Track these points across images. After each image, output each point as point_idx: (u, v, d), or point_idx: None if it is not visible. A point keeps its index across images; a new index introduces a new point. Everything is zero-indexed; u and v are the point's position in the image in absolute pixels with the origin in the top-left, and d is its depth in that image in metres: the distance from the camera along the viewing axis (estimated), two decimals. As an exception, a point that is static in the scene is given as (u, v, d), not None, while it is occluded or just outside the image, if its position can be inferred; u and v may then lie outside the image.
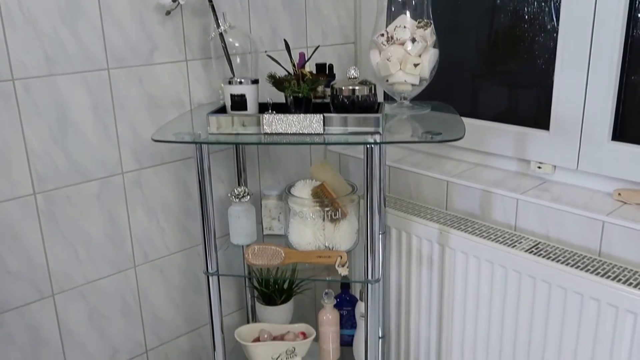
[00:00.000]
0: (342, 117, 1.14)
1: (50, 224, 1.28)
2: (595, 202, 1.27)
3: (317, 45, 1.47)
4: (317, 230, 1.33)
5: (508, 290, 1.26)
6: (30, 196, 1.24)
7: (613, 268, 1.14)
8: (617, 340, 1.10)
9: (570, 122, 1.32)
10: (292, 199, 1.34)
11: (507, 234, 1.31)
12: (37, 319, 1.30)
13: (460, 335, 1.39)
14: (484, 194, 1.41)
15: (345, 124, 1.15)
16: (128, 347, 1.47)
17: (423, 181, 1.54)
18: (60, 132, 1.26)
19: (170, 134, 1.20)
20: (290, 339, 1.39)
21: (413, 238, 1.43)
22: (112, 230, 1.39)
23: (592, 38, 1.25)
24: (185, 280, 1.55)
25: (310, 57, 1.29)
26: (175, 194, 1.48)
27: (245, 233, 1.40)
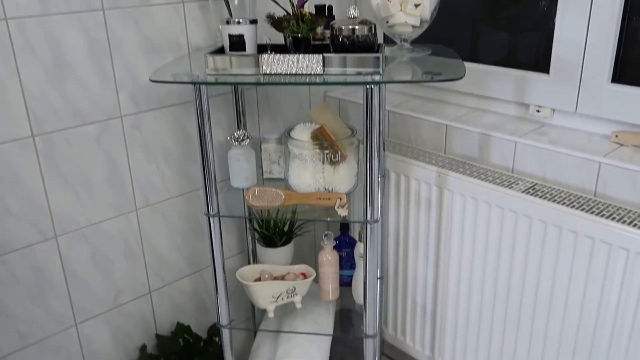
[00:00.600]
0: (342, 57, 1.13)
1: (50, 167, 1.28)
2: (592, 144, 1.27)
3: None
4: (316, 172, 1.33)
5: (504, 230, 1.27)
6: (29, 138, 1.24)
7: (608, 207, 1.15)
8: (609, 276, 1.12)
9: (570, 64, 1.31)
10: (291, 141, 1.33)
11: (505, 176, 1.31)
12: (40, 260, 1.31)
13: (457, 275, 1.41)
14: (482, 138, 1.41)
15: (344, 65, 1.13)
16: (132, 287, 1.49)
17: (422, 125, 1.54)
18: (56, 73, 1.24)
19: (168, 75, 1.19)
20: (291, 279, 1.41)
21: (412, 181, 1.44)
22: (113, 174, 1.38)
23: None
24: (186, 224, 1.56)
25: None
26: (175, 138, 1.47)
27: (246, 176, 1.40)
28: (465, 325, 1.44)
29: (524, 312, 1.30)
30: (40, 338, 1.36)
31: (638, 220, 1.09)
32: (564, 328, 1.23)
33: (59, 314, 1.38)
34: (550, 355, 1.28)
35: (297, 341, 1.45)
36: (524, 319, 1.30)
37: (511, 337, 1.35)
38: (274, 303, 1.40)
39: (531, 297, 1.27)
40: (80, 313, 1.41)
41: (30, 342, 1.35)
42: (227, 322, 1.39)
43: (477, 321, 1.41)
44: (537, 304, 1.26)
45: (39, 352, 1.36)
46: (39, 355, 1.37)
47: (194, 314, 1.65)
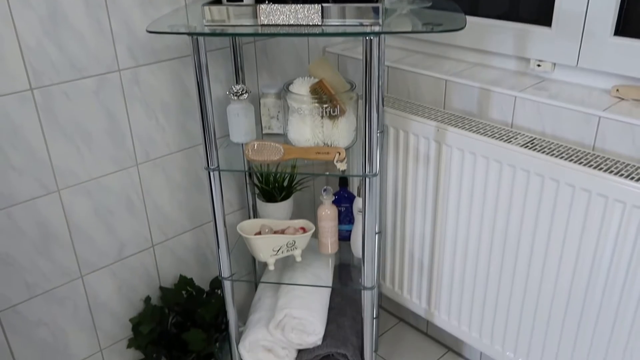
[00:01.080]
0: (341, 7, 1.10)
1: (50, 120, 1.27)
2: (592, 99, 1.25)
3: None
4: (315, 127, 1.31)
5: (502, 184, 1.27)
6: (27, 91, 1.22)
7: (606, 161, 1.14)
8: (604, 229, 1.12)
9: (573, 17, 1.28)
10: (290, 96, 1.31)
11: (504, 131, 1.30)
12: (44, 213, 1.32)
13: (454, 229, 1.42)
14: (482, 93, 1.39)
15: (344, 15, 1.10)
16: (135, 241, 1.50)
17: (421, 81, 1.52)
18: (52, 25, 1.21)
19: (165, 27, 1.16)
20: (291, 233, 1.41)
21: (410, 136, 1.43)
22: (113, 128, 1.37)
23: None
24: (187, 180, 1.56)
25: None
26: (173, 93, 1.46)
27: (245, 131, 1.39)
28: (462, 278, 1.45)
29: (520, 266, 1.31)
30: (46, 289, 1.38)
31: (635, 173, 1.08)
32: (559, 280, 1.24)
33: (65, 266, 1.39)
34: (544, 306, 1.29)
35: (297, 293, 1.46)
36: (519, 272, 1.31)
37: (506, 289, 1.36)
38: (274, 256, 1.41)
39: (527, 251, 1.28)
40: (85, 265, 1.43)
41: (37, 292, 1.36)
42: (229, 274, 1.41)
43: (473, 274, 1.42)
44: (533, 257, 1.27)
45: (46, 303, 1.38)
46: (46, 305, 1.38)
47: (196, 267, 1.67)
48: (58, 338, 1.43)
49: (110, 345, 1.54)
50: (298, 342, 1.44)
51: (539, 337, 1.33)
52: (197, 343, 1.49)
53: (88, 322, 1.48)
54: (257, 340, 1.46)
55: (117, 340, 1.55)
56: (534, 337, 1.34)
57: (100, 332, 1.51)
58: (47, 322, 1.40)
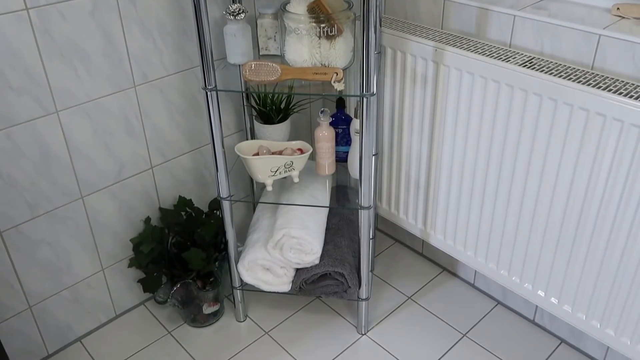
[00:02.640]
0: None
1: (46, 41, 1.24)
2: (592, 17, 1.23)
3: None
4: (313, 47, 1.29)
5: (499, 104, 1.26)
6: (23, 11, 1.18)
7: (605, 79, 1.13)
8: (601, 148, 1.12)
9: None
10: (287, 15, 1.28)
11: (502, 51, 1.28)
12: (43, 134, 1.31)
13: (450, 150, 1.42)
14: (480, 12, 1.36)
15: None
16: (134, 162, 1.50)
17: (419, 1, 1.47)
18: (43, -61, 1.16)
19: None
20: (288, 154, 1.41)
21: (408, 57, 1.40)
22: (109, 49, 1.34)
23: None
24: (185, 102, 1.54)
25: None
26: (170, 13, 1.41)
27: (242, 52, 1.36)
28: (457, 198, 1.47)
29: (516, 185, 1.32)
30: (48, 209, 1.39)
31: (635, 91, 1.08)
32: (554, 199, 1.25)
33: (65, 186, 1.39)
34: (539, 225, 1.31)
35: (295, 213, 1.48)
36: (515, 191, 1.32)
37: (502, 209, 1.38)
38: (272, 177, 1.42)
39: (523, 170, 1.29)
40: (85, 186, 1.43)
41: (39, 212, 1.37)
42: (227, 195, 1.42)
43: (469, 194, 1.43)
44: (529, 176, 1.28)
45: (48, 222, 1.40)
46: (48, 225, 1.40)
47: (194, 189, 1.68)
48: (61, 257, 1.46)
49: (112, 265, 1.57)
50: (296, 262, 1.47)
51: (533, 256, 1.36)
52: (196, 262, 1.51)
53: (90, 242, 1.50)
54: (255, 259, 1.49)
55: (119, 259, 1.58)
56: (528, 256, 1.37)
57: (101, 252, 1.53)
58: (49, 241, 1.42)
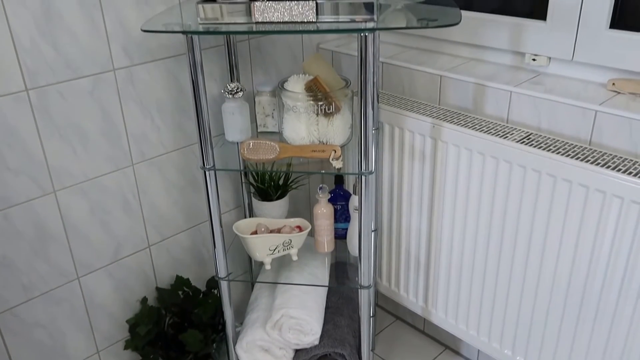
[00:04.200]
0: (335, 3, 1.09)
1: (45, 121, 1.26)
2: (588, 93, 1.25)
3: None
4: (310, 125, 1.31)
5: (498, 180, 1.26)
6: (22, 92, 1.21)
7: (603, 156, 1.14)
8: (602, 225, 1.12)
9: (568, 10, 1.27)
10: (285, 93, 1.31)
11: (500, 126, 1.30)
12: (40, 214, 1.31)
13: (450, 226, 1.41)
14: (477, 88, 1.39)
15: (338, 12, 1.10)
16: (131, 241, 1.49)
17: (416, 77, 1.51)
18: (47, 25, 1.20)
19: (159, 26, 1.16)
20: (287, 232, 1.40)
21: (406, 133, 1.42)
22: (108, 128, 1.36)
23: None
24: (183, 179, 1.55)
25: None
26: (168, 91, 1.45)
27: (240, 129, 1.38)
28: (458, 276, 1.45)
29: (517, 262, 1.30)
30: (44, 291, 1.37)
31: (633, 168, 1.08)
32: (557, 276, 1.23)
33: (62, 267, 1.38)
34: (542, 303, 1.28)
35: (293, 292, 1.46)
36: (517, 269, 1.31)
37: (504, 286, 1.35)
38: (271, 255, 1.41)
39: (524, 248, 1.27)
40: (82, 266, 1.42)
41: (34, 294, 1.35)
42: (225, 274, 1.40)
43: (470, 272, 1.41)
44: (530, 254, 1.27)
45: (43, 304, 1.37)
46: (43, 307, 1.38)
47: (192, 267, 1.66)
48: (56, 340, 1.42)
49: (108, 347, 1.53)
50: (295, 342, 1.43)
51: (537, 335, 1.32)
52: (194, 344, 1.48)
53: (85, 324, 1.47)
54: (254, 340, 1.46)
55: (115, 341, 1.54)
56: (532, 335, 1.33)
57: (97, 334, 1.50)
58: (44, 324, 1.39)
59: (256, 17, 1.11)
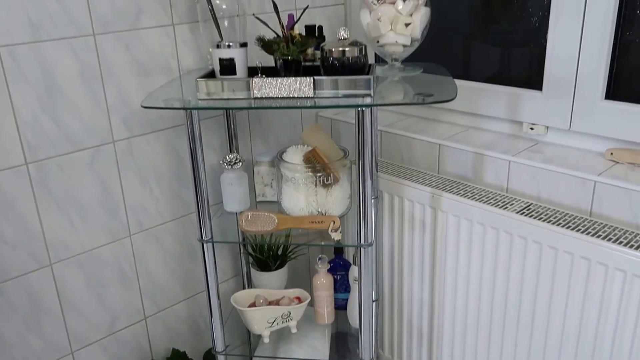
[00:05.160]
0: (333, 79, 1.13)
1: (43, 194, 1.28)
2: (587, 162, 1.27)
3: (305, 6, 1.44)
4: (309, 195, 1.33)
5: (499, 251, 1.27)
6: (22, 166, 1.24)
7: (604, 227, 1.15)
8: (606, 299, 1.12)
9: (563, 81, 1.31)
10: (284, 164, 1.34)
11: (499, 196, 1.32)
12: (36, 288, 1.31)
13: (452, 296, 1.41)
14: (476, 157, 1.41)
15: (335, 87, 1.14)
16: (127, 313, 1.49)
17: (415, 145, 1.54)
18: (48, 100, 1.24)
19: (159, 101, 1.20)
20: (286, 303, 1.40)
21: (405, 202, 1.44)
22: (106, 199, 1.39)
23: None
24: (180, 248, 1.56)
25: (299, 18, 1.27)
26: (168, 161, 1.48)
27: (239, 200, 1.40)
28: (462, 347, 1.43)
29: (521, 335, 1.29)
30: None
31: (634, 241, 1.09)
32: (562, 351, 1.22)
33: (55, 342, 1.37)
34: (550, 376, 1.27)
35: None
36: (521, 342, 1.30)
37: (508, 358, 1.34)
38: (269, 328, 1.40)
39: (528, 320, 1.27)
40: (76, 340, 1.41)
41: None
42: (223, 348, 1.39)
43: (474, 343, 1.40)
44: (534, 327, 1.26)
45: (32, 382, 1.36)
46: (32, 384, 1.36)
47: (189, 339, 1.65)
48: (46, 418, 1.40)
49: None
50: (296, 418, 1.41)
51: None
52: (190, 420, 1.45)
53: (77, 400, 1.45)
54: (253, 416, 1.43)
55: (108, 418, 1.52)
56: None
57: (89, 410, 1.48)
58: (34, 401, 1.37)
59: (254, 92, 1.15)
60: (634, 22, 1.22)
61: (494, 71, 1.51)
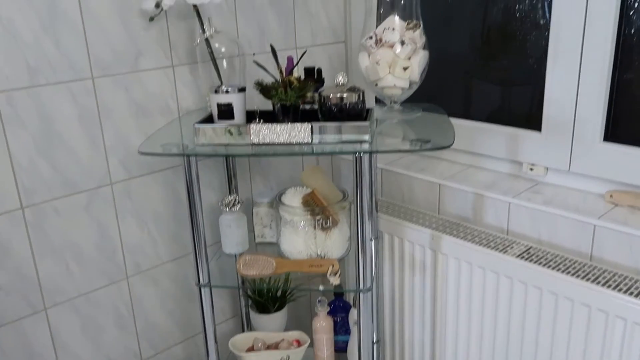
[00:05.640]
0: (330, 125, 1.15)
1: (39, 238, 1.29)
2: (587, 205, 1.28)
3: (304, 50, 1.47)
4: (308, 238, 1.34)
5: (500, 295, 1.27)
6: (17, 210, 1.25)
7: (604, 273, 1.15)
8: (607, 346, 1.12)
9: (562, 122, 1.33)
10: (283, 207, 1.35)
11: (499, 239, 1.32)
12: (30, 333, 1.31)
13: (454, 339, 1.41)
14: (476, 197, 1.42)
15: (333, 133, 1.15)
16: (123, 357, 1.49)
17: (415, 184, 1.55)
18: (45, 144, 1.26)
19: (158, 144, 1.22)
20: (285, 347, 1.40)
21: (406, 243, 1.45)
22: (103, 242, 1.39)
23: (584, 36, 1.25)
24: (178, 289, 1.56)
25: (298, 62, 1.29)
26: (166, 202, 1.49)
27: (237, 242, 1.41)
28: (466, 390, 1.43)
29: (525, 379, 1.29)
30: (27, 415, 1.35)
31: (634, 287, 1.10)
32: (566, 396, 1.22)
33: (48, 388, 1.37)
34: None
35: (292, 411, 1.43)
36: (525, 386, 1.29)
37: (513, 403, 1.33)
38: (268, 372, 1.40)
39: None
40: (69, 385, 1.41)
41: (17, 418, 1.34)
42: (220, 392, 1.39)
43: (478, 386, 1.40)
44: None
45: None
46: None
47: (187, 380, 1.64)
48: None
49: None
50: None
51: None
52: None
53: None
54: None
55: None
56: None
57: None
58: None
59: (252, 139, 1.17)
60: (631, 64, 1.24)
61: (494, 109, 1.53)
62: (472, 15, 1.53)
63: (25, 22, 1.19)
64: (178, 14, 1.40)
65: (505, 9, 1.44)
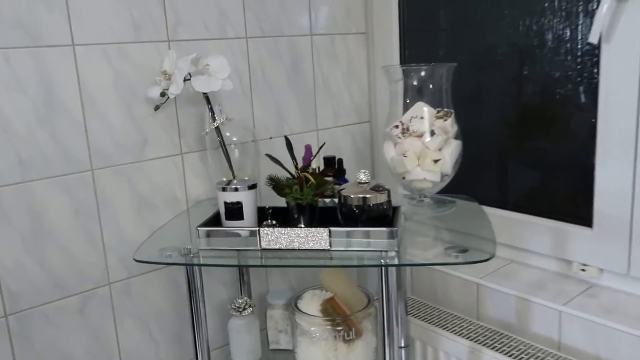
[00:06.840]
0: (352, 231, 1.03)
1: (24, 349, 1.18)
2: (653, 316, 1.12)
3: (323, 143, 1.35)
4: (328, 350, 1.20)
5: None
6: (1, 319, 1.14)
7: (682, 410, 0.99)
8: None
9: (617, 219, 1.18)
10: (299, 315, 1.21)
11: (550, 356, 1.16)
12: None
13: None
14: (520, 302, 1.27)
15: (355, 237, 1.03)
16: None
17: (450, 281, 1.41)
18: (35, 242, 1.16)
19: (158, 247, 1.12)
20: None
21: (440, 354, 1.29)
22: (98, 349, 1.27)
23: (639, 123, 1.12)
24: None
25: (316, 154, 1.19)
26: (169, 299, 1.37)
27: (248, 350, 1.28)
28: None
29: None
30: None
31: None
32: None
33: None
34: None
35: None
36: None
37: None
38: None
39: None
40: None
41: None
42: None
43: None
44: None
45: None
46: None
47: None
48: None
49: None
50: None
51: None
52: None
53: None
54: None
55: None
56: None
57: None
58: None
59: (262, 244, 1.05)
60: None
61: (536, 201, 1.38)
62: (504, 93, 1.41)
63: (17, 113, 1.12)
64: (187, 99, 1.32)
65: (544, 86, 1.32)
